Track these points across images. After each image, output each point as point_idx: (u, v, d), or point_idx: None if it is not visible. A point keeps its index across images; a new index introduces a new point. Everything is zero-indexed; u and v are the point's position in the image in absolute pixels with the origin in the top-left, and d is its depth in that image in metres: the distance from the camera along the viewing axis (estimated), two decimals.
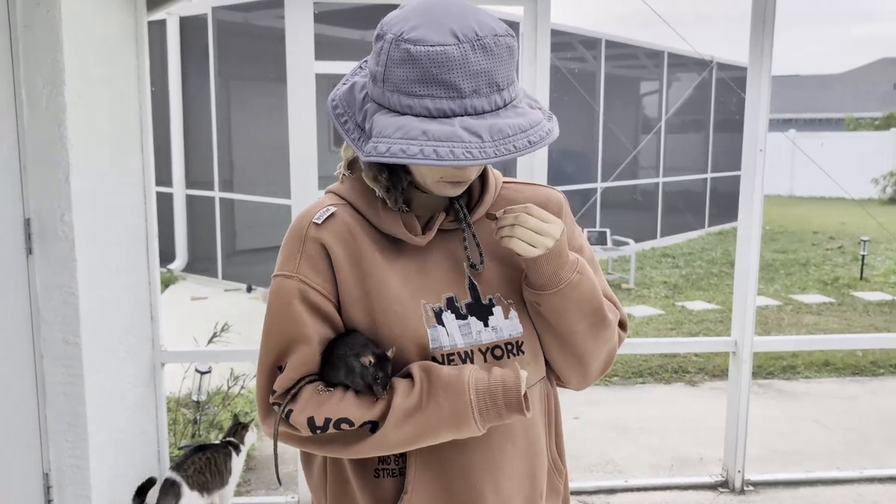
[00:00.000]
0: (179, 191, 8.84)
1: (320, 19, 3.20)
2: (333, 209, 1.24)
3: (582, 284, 1.23)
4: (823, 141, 17.72)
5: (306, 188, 3.10)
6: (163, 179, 8.23)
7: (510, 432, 1.24)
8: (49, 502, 2.79)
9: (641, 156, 11.59)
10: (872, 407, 5.04)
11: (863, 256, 9.48)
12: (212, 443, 3.25)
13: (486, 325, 1.24)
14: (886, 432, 4.45)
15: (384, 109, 1.11)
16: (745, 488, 3.62)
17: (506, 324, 1.25)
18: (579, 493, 3.57)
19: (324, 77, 3.35)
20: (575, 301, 1.22)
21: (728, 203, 12.29)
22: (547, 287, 1.21)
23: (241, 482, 3.61)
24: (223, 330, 3.82)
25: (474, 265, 1.25)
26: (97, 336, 2.78)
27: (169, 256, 8.77)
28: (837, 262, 10.44)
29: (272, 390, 1.20)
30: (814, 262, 10.42)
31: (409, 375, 1.19)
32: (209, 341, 3.80)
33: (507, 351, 1.24)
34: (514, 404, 1.16)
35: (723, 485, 3.66)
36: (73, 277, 2.64)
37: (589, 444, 4.20)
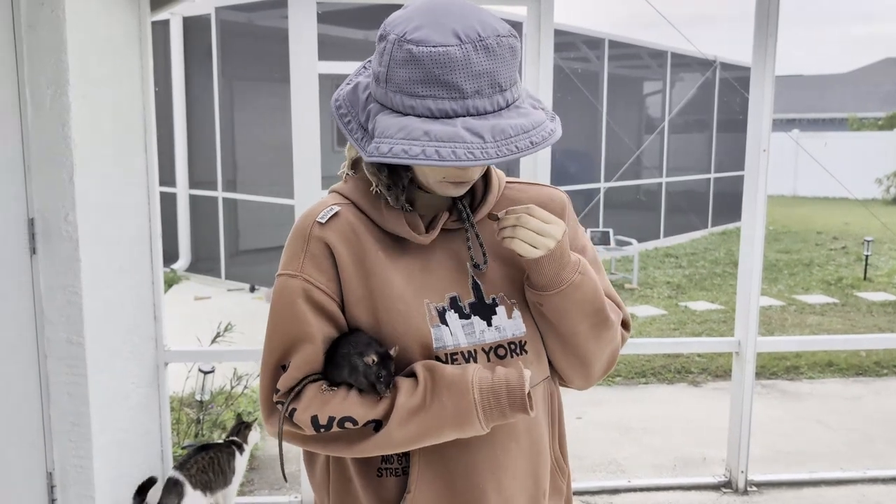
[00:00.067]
0: (183, 191, 8.86)
1: (324, 19, 3.20)
2: (337, 208, 1.24)
3: (584, 285, 1.23)
4: (827, 141, 17.68)
5: (309, 188, 3.10)
6: (166, 179, 8.26)
7: (514, 431, 1.24)
8: (53, 502, 2.80)
9: (645, 156, 11.58)
10: (876, 407, 5.03)
11: (866, 257, 9.47)
12: (215, 442, 3.26)
13: (490, 325, 1.24)
14: (890, 433, 4.44)
15: (387, 110, 1.11)
16: (749, 489, 3.61)
17: (509, 323, 1.25)
18: (582, 494, 3.56)
19: (327, 77, 3.36)
20: (577, 302, 1.22)
21: (731, 203, 12.27)
22: (548, 288, 1.21)
23: (245, 482, 3.61)
24: (226, 330, 3.82)
25: (477, 265, 1.26)
26: (101, 336, 2.78)
27: (172, 256, 8.78)
28: (841, 263, 10.42)
29: (276, 389, 1.20)
30: (817, 263, 10.40)
31: (413, 375, 1.19)
32: (212, 341, 3.81)
33: (511, 350, 1.25)
34: (518, 403, 1.16)
35: (726, 485, 3.65)
36: (77, 277, 2.65)
37: (592, 445, 4.19)
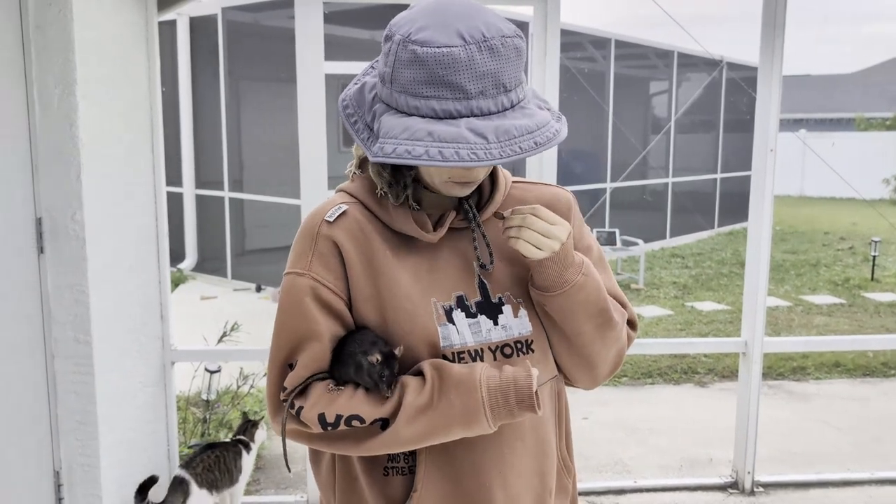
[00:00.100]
0: (189, 190, 8.87)
1: (330, 19, 3.20)
2: (345, 207, 1.24)
3: (587, 286, 1.23)
4: (834, 141, 17.62)
5: (316, 188, 3.10)
6: (173, 179, 8.27)
7: (520, 430, 1.24)
8: (60, 500, 2.80)
9: (651, 156, 11.56)
10: (883, 408, 5.01)
11: (874, 257, 9.43)
12: (222, 441, 3.26)
13: (496, 324, 1.24)
14: None
15: (392, 110, 1.11)
16: (755, 489, 3.61)
17: (515, 322, 1.25)
18: (588, 494, 3.56)
19: (333, 77, 3.36)
20: (580, 302, 1.23)
21: (738, 203, 12.24)
22: (552, 289, 1.21)
23: (251, 481, 3.62)
24: (233, 329, 3.83)
25: (484, 265, 1.26)
26: (108, 335, 2.79)
27: (179, 256, 8.80)
28: (848, 263, 10.38)
29: (283, 387, 1.20)
30: (824, 263, 10.36)
31: (420, 373, 1.19)
32: (219, 341, 3.81)
33: (517, 349, 1.25)
34: (526, 402, 1.16)
35: (732, 486, 3.64)
36: (85, 276, 2.66)
37: (598, 445, 4.19)
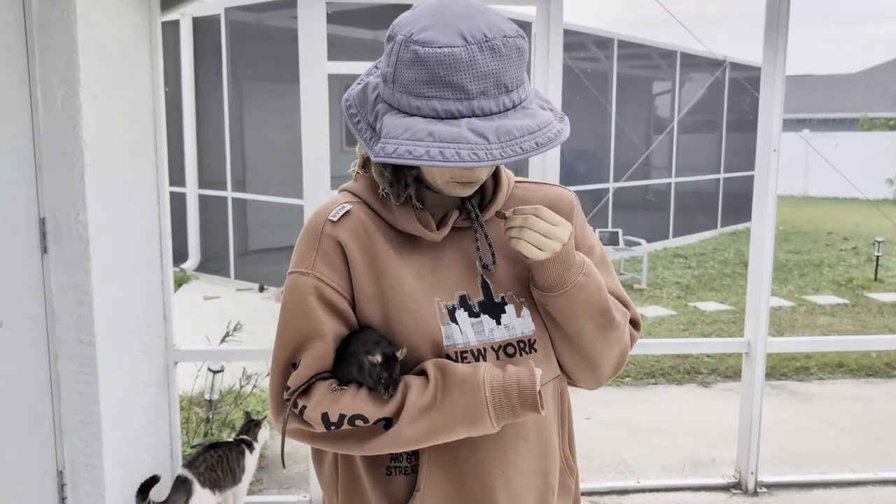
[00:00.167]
0: (192, 191, 8.89)
1: (333, 19, 3.20)
2: (349, 207, 1.25)
3: (588, 286, 1.23)
4: (837, 141, 17.58)
5: (319, 188, 3.10)
6: (176, 179, 8.27)
7: (523, 430, 1.24)
8: (63, 500, 2.81)
9: (654, 156, 11.55)
10: (887, 408, 5.00)
11: (877, 257, 9.41)
12: (225, 441, 3.26)
13: (499, 324, 1.24)
14: None
15: (394, 110, 1.11)
16: (758, 490, 3.60)
17: (518, 322, 1.25)
18: (591, 494, 3.56)
19: (336, 77, 3.36)
20: (581, 303, 1.23)
21: (741, 203, 12.23)
22: (553, 289, 1.21)
23: (254, 481, 3.62)
24: (235, 329, 3.83)
25: (486, 266, 1.26)
26: (111, 335, 2.79)
27: (182, 256, 8.81)
28: (851, 263, 10.36)
29: (286, 386, 1.20)
30: (828, 263, 10.35)
31: (424, 373, 1.19)
32: (221, 340, 3.82)
33: (520, 349, 1.25)
34: (530, 402, 1.16)
35: (735, 486, 3.64)
36: (88, 277, 2.66)
37: (601, 445, 4.19)
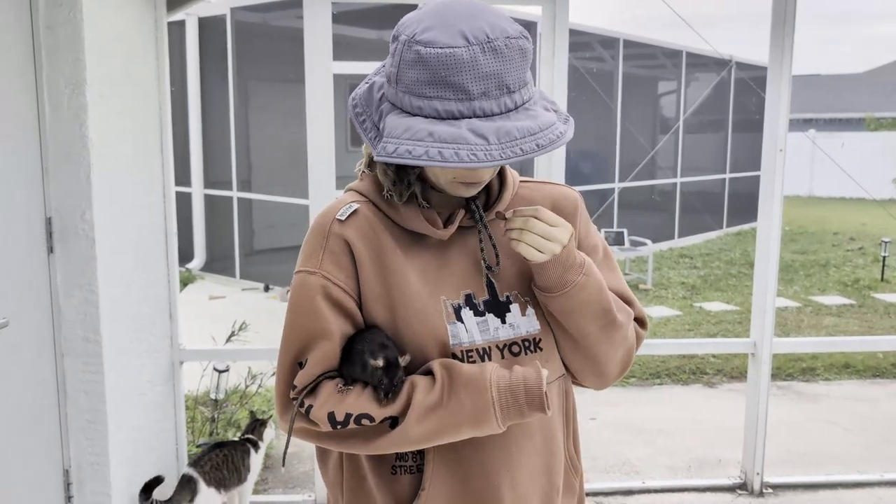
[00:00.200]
0: (198, 190, 8.90)
1: (338, 19, 3.20)
2: (356, 206, 1.25)
3: (588, 286, 1.23)
4: (844, 141, 17.54)
5: (324, 188, 3.10)
6: (181, 179, 8.28)
7: (528, 429, 1.24)
8: (69, 499, 2.82)
9: (659, 156, 11.53)
10: (893, 409, 4.98)
11: (884, 258, 9.38)
12: (230, 440, 3.27)
13: (504, 322, 1.24)
14: None
15: (397, 110, 1.12)
16: (764, 491, 3.59)
17: (523, 321, 1.25)
18: (596, 494, 3.55)
19: (342, 77, 3.37)
20: (582, 302, 1.23)
21: (746, 203, 12.20)
22: (553, 289, 1.22)
23: (259, 480, 3.63)
24: (241, 329, 3.84)
25: (490, 267, 1.26)
26: (117, 334, 2.80)
27: (187, 256, 8.83)
28: (858, 264, 10.33)
29: (293, 385, 1.21)
30: (834, 264, 10.32)
31: (430, 372, 1.19)
32: (227, 340, 3.82)
33: (525, 348, 1.25)
34: (536, 402, 1.16)
35: (741, 487, 3.63)
36: (94, 276, 2.66)
37: (606, 445, 4.18)
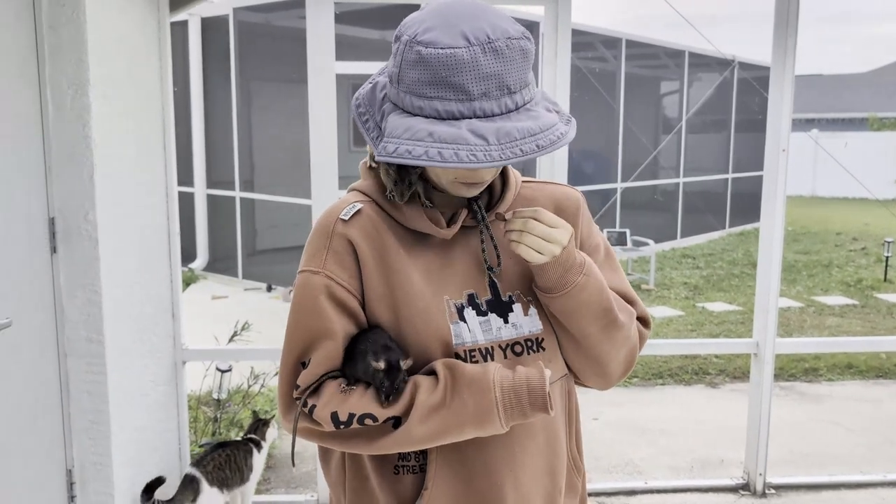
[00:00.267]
0: (200, 190, 8.91)
1: (341, 19, 3.20)
2: (360, 206, 1.25)
3: (588, 286, 1.23)
4: (847, 141, 17.51)
5: (326, 188, 3.11)
6: (184, 179, 8.30)
7: (531, 429, 1.24)
8: (72, 499, 2.82)
9: (662, 156, 11.52)
10: None
11: (887, 258, 9.36)
12: (233, 440, 3.27)
13: (506, 322, 1.24)
14: None
15: (399, 110, 1.12)
16: (767, 491, 3.59)
17: (525, 320, 1.25)
18: (598, 494, 3.55)
19: (344, 77, 3.37)
20: (582, 303, 1.23)
21: (749, 204, 12.19)
22: (553, 290, 1.22)
23: (261, 480, 3.63)
24: (244, 329, 3.84)
25: (491, 268, 1.26)
26: (120, 334, 2.80)
27: (190, 256, 8.84)
28: (861, 264, 10.32)
29: (296, 385, 1.21)
30: (837, 264, 10.30)
31: (433, 372, 1.19)
32: (230, 340, 3.83)
33: (527, 347, 1.25)
34: (539, 403, 1.16)
35: (744, 487, 3.63)
36: (97, 276, 2.67)
37: (608, 445, 4.18)
